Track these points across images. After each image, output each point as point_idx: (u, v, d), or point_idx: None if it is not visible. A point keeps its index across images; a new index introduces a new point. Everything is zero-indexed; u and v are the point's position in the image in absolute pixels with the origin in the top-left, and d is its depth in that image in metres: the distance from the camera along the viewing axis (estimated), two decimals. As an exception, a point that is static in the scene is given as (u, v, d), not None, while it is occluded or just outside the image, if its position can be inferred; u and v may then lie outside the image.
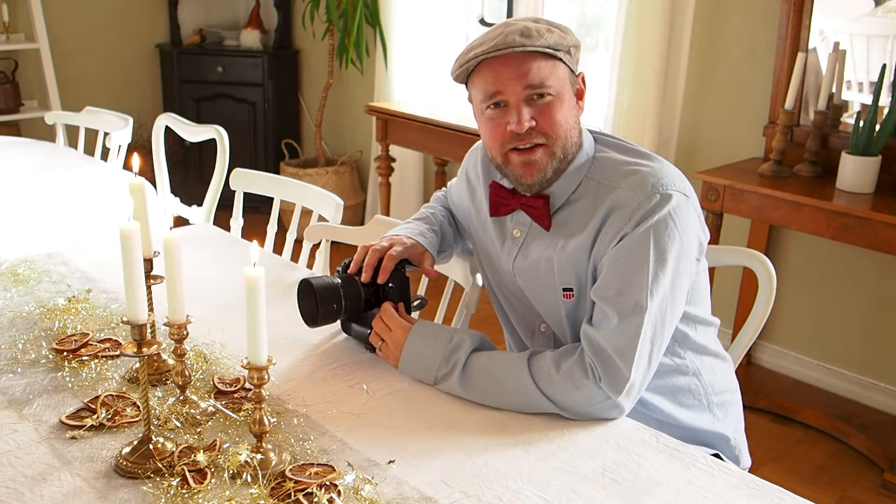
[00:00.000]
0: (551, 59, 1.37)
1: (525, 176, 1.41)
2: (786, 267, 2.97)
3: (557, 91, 1.37)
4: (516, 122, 1.36)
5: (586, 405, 1.29)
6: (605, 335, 1.31)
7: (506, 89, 1.37)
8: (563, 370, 1.30)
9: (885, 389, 2.84)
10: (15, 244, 1.99)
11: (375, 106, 3.79)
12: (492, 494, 1.12)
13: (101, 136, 3.05)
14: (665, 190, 1.34)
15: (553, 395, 1.29)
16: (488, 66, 1.38)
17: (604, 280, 1.35)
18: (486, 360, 1.35)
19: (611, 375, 1.28)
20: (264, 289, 1.08)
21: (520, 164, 1.40)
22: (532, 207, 1.44)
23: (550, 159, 1.39)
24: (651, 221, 1.32)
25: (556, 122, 1.38)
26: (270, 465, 1.13)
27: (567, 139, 1.40)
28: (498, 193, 1.49)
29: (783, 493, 1.13)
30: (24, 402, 1.31)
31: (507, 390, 1.32)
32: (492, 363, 1.35)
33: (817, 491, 2.47)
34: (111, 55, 4.75)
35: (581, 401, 1.29)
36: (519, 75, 1.35)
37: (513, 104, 1.37)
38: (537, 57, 1.36)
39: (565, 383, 1.29)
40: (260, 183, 2.32)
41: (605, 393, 1.28)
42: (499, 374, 1.33)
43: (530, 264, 1.47)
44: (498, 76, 1.37)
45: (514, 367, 1.33)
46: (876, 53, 2.71)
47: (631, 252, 1.32)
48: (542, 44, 1.34)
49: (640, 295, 1.30)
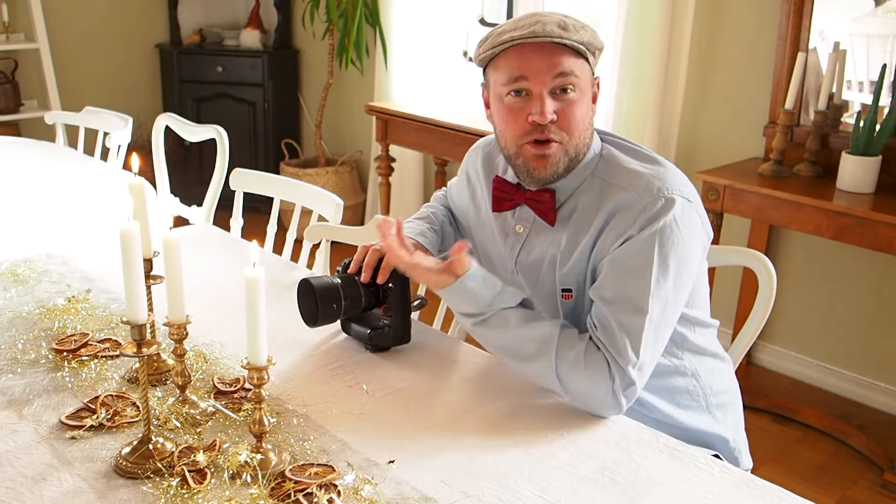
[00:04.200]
0: (580, 58, 1.37)
1: (538, 169, 1.39)
2: (786, 267, 2.97)
3: (581, 89, 1.37)
4: (539, 112, 1.35)
5: (591, 396, 1.29)
6: (605, 337, 1.31)
7: (533, 77, 1.35)
8: (591, 360, 1.29)
9: (885, 389, 2.84)
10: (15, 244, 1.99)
11: (375, 106, 3.79)
12: (492, 494, 1.12)
13: (101, 136, 3.04)
14: (669, 194, 1.34)
15: (570, 379, 1.29)
16: (518, 52, 1.36)
17: (604, 280, 1.34)
18: (520, 316, 1.35)
19: (618, 378, 1.29)
20: (264, 289, 1.08)
21: (533, 156, 1.38)
22: (537, 202, 1.44)
23: (564, 156, 1.38)
24: (656, 226, 1.31)
25: (576, 119, 1.37)
26: (270, 466, 1.13)
27: (581, 139, 1.39)
28: (501, 188, 1.49)
29: (783, 493, 1.13)
30: (24, 402, 1.31)
31: (523, 355, 1.32)
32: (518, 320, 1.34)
33: (817, 491, 2.47)
34: (111, 55, 4.75)
35: (589, 391, 1.29)
36: (549, 66, 1.34)
37: (536, 94, 1.35)
38: (568, 52, 1.35)
39: (589, 371, 1.29)
40: (260, 183, 2.31)
41: (610, 389, 1.28)
42: (524, 336, 1.33)
43: (533, 261, 1.47)
44: (527, 62, 1.35)
45: (545, 336, 1.32)
46: (876, 53, 2.71)
47: (634, 255, 1.32)
48: (577, 39, 1.34)
49: (641, 299, 1.30)
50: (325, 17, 4.13)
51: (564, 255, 1.41)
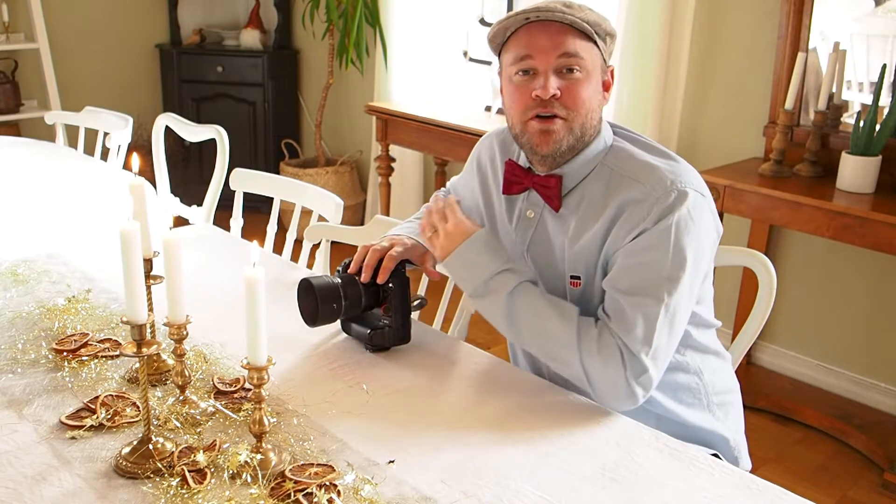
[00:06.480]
0: (588, 40, 1.38)
1: (541, 145, 1.40)
2: (786, 267, 2.97)
3: (587, 70, 1.39)
4: (542, 86, 1.37)
5: (610, 386, 1.31)
6: (618, 326, 1.32)
7: (538, 56, 1.38)
8: (604, 345, 1.31)
9: (885, 389, 2.84)
10: (15, 244, 1.99)
11: (375, 106, 3.79)
12: (492, 494, 1.12)
13: (101, 136, 3.04)
14: (682, 187, 1.35)
15: (587, 362, 1.31)
16: (526, 32, 1.39)
17: (619, 273, 1.35)
18: (537, 294, 1.37)
19: (630, 365, 1.31)
20: (264, 289, 1.08)
21: (537, 132, 1.40)
22: (544, 187, 1.45)
23: (568, 133, 1.39)
24: (671, 219, 1.32)
25: (581, 98, 1.38)
26: (270, 466, 1.13)
27: (587, 118, 1.40)
28: (513, 172, 1.50)
29: (783, 493, 1.13)
30: (24, 402, 1.31)
31: (548, 332, 1.34)
32: (544, 299, 1.36)
33: (817, 491, 2.47)
34: (111, 55, 4.75)
35: (607, 380, 1.31)
36: (554, 44, 1.36)
37: (542, 72, 1.38)
38: (575, 33, 1.37)
39: (602, 356, 1.31)
40: (260, 183, 2.31)
41: (623, 377, 1.30)
42: (547, 314, 1.34)
43: (543, 248, 1.47)
44: (533, 42, 1.38)
45: (565, 314, 1.34)
46: (876, 53, 2.71)
47: (650, 247, 1.33)
48: (582, 17, 1.36)
49: (657, 288, 1.31)
50: (325, 17, 4.13)
51: (573, 243, 1.42)
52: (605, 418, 1.31)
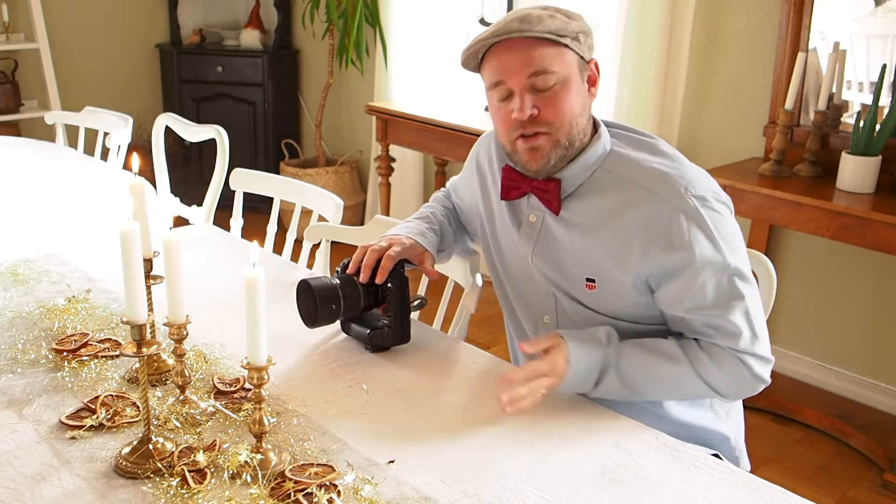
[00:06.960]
0: (556, 46, 1.36)
1: (530, 162, 1.41)
2: (786, 267, 2.97)
3: (563, 78, 1.36)
4: (518, 109, 1.37)
5: (741, 388, 1.39)
6: (726, 339, 1.36)
7: (509, 78, 1.37)
8: (721, 362, 1.37)
9: (885, 389, 2.84)
10: (15, 244, 1.99)
11: (375, 106, 3.79)
12: (492, 494, 1.12)
13: (101, 136, 3.04)
14: (696, 192, 1.35)
15: (714, 384, 1.38)
16: (495, 54, 1.38)
17: (680, 295, 1.36)
18: (636, 352, 1.38)
19: (750, 365, 1.37)
20: (264, 289, 1.08)
21: (525, 150, 1.40)
22: (543, 190, 1.45)
23: (554, 147, 1.39)
24: (698, 225, 1.33)
25: (560, 111, 1.37)
26: (270, 466, 1.13)
27: (573, 126, 1.39)
28: (510, 177, 1.49)
29: (783, 493, 1.13)
30: (24, 402, 1.31)
31: (667, 380, 1.38)
32: (643, 354, 1.38)
33: (817, 491, 2.47)
34: (111, 55, 4.75)
35: (737, 386, 1.39)
36: (522, 63, 1.35)
37: (517, 92, 1.37)
38: (542, 44, 1.35)
39: (723, 371, 1.37)
40: (260, 183, 2.32)
41: (749, 376, 1.37)
42: (655, 365, 1.38)
43: (551, 250, 1.47)
44: (501, 64, 1.37)
45: (671, 355, 1.38)
46: (876, 53, 2.71)
47: (700, 259, 1.34)
48: (541, 29, 1.34)
49: (732, 289, 1.35)
50: (325, 17, 4.13)
51: (581, 246, 1.42)
52: (605, 418, 1.32)
